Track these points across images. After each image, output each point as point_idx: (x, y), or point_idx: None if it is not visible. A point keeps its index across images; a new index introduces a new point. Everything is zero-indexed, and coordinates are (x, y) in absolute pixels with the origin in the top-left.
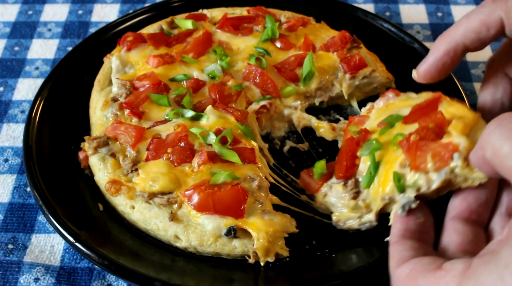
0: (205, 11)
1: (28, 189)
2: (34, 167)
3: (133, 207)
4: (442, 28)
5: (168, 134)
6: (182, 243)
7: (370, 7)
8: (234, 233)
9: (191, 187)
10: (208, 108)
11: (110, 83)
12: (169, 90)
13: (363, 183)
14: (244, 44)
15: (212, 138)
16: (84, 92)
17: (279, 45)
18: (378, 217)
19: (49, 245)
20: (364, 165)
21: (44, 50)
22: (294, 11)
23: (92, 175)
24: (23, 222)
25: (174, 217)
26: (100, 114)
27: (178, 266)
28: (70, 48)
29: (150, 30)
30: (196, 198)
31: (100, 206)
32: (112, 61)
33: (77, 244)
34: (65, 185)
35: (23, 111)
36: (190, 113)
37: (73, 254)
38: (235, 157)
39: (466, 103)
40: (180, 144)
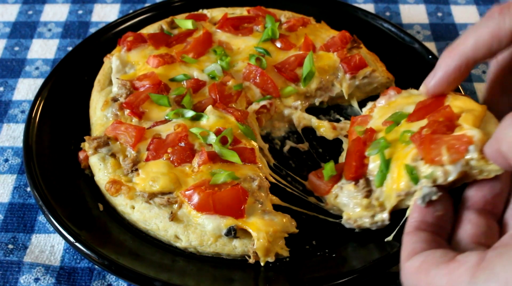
0: (205, 11)
1: (28, 189)
2: (34, 167)
3: (133, 207)
4: (442, 28)
5: (168, 134)
6: (182, 243)
7: (370, 7)
8: (234, 233)
9: (191, 187)
10: (208, 108)
11: (110, 83)
12: (169, 90)
13: (375, 182)
14: (244, 44)
15: (212, 138)
16: (84, 92)
17: (279, 45)
18: (390, 216)
19: (49, 245)
20: (373, 164)
21: (44, 50)
22: (294, 11)
23: (92, 175)
24: (23, 222)
25: (174, 217)
26: (100, 114)
27: (178, 266)
28: (70, 48)
29: (150, 30)
30: (196, 198)
31: (100, 206)
32: (112, 61)
33: (77, 244)
34: (65, 185)
35: (23, 111)
36: (190, 113)
37: (73, 254)
38: (235, 157)
39: (470, 97)
40: (180, 144)
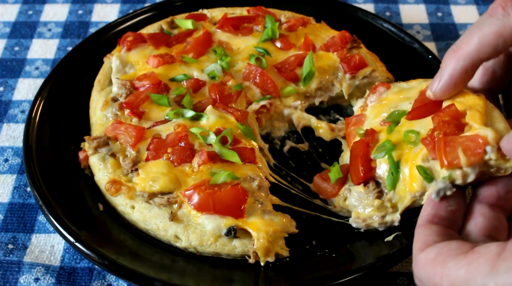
0: (205, 11)
1: (28, 189)
2: (34, 167)
3: (133, 207)
4: (442, 28)
5: (168, 134)
6: (182, 243)
7: (370, 7)
8: (234, 233)
9: (191, 187)
10: (208, 108)
11: (110, 83)
12: (169, 90)
13: (387, 185)
14: (244, 44)
15: (212, 138)
16: (84, 92)
17: (279, 45)
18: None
19: (49, 245)
20: (382, 167)
21: (44, 50)
22: (294, 11)
23: (92, 175)
24: (23, 222)
25: (174, 217)
26: (100, 114)
27: (178, 266)
28: (70, 48)
29: (150, 30)
30: (196, 198)
31: (100, 206)
32: (112, 61)
33: (77, 244)
34: (65, 185)
35: (23, 111)
36: (190, 113)
37: (73, 254)
38: (235, 157)
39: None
40: (180, 144)
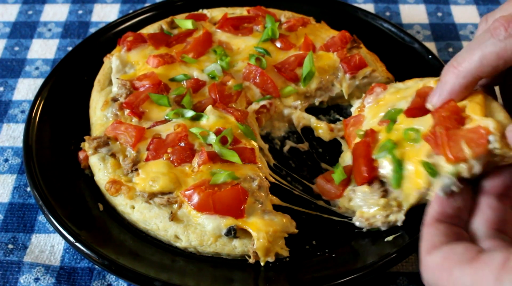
0: (205, 11)
1: (28, 189)
2: (34, 167)
3: (133, 207)
4: (442, 28)
5: (168, 134)
6: (182, 243)
7: (370, 7)
8: (234, 233)
9: (191, 187)
10: (208, 108)
11: (110, 83)
12: (169, 90)
13: (392, 184)
14: (244, 44)
15: (212, 138)
16: (84, 92)
17: (279, 45)
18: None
19: (49, 245)
20: (385, 166)
21: (44, 50)
22: (294, 11)
23: (92, 175)
24: (23, 222)
25: (174, 217)
26: (100, 114)
27: (178, 266)
28: (70, 48)
29: (150, 30)
30: (196, 198)
31: (100, 206)
32: (112, 61)
33: (77, 244)
34: (65, 185)
35: (23, 111)
36: (190, 113)
37: (73, 254)
38: (235, 157)
39: None
40: (180, 144)
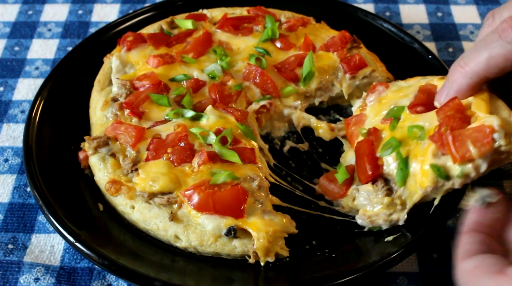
0: (205, 11)
1: (28, 189)
2: (34, 167)
3: (133, 207)
4: (442, 28)
5: (168, 134)
6: (182, 243)
7: (370, 7)
8: (234, 233)
9: (191, 187)
10: (208, 108)
11: (110, 83)
12: (169, 90)
13: (397, 181)
14: (244, 44)
15: (212, 138)
16: (84, 92)
17: (279, 45)
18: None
19: (49, 245)
20: (389, 164)
21: (44, 50)
22: (294, 11)
23: (92, 175)
24: (23, 222)
25: (174, 217)
26: (100, 114)
27: (178, 266)
28: (70, 48)
29: (150, 30)
30: (196, 198)
31: (100, 206)
32: (112, 61)
33: (77, 244)
34: (65, 185)
35: (23, 111)
36: (190, 113)
37: (73, 254)
38: (235, 157)
39: None
40: (180, 144)
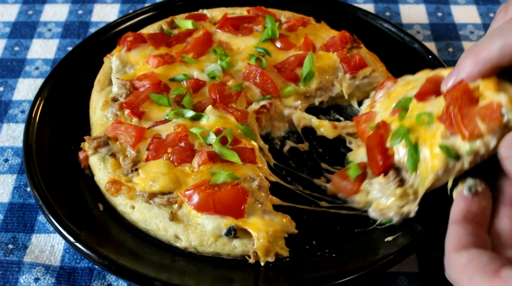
0: (205, 11)
1: (28, 189)
2: (34, 167)
3: (133, 207)
4: (442, 28)
5: (168, 134)
6: (182, 243)
7: (370, 7)
8: (234, 233)
9: (191, 187)
10: (208, 108)
11: (110, 83)
12: (169, 90)
13: (408, 168)
14: (244, 44)
15: (212, 138)
16: (84, 92)
17: (279, 45)
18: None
19: (49, 245)
20: (400, 152)
21: (44, 50)
22: (294, 11)
23: (92, 175)
24: (23, 222)
25: (174, 217)
26: (100, 114)
27: (178, 266)
28: (70, 48)
29: (150, 30)
30: (196, 198)
31: (100, 206)
32: (112, 61)
33: (77, 244)
34: (65, 185)
35: (23, 111)
36: (190, 113)
37: (73, 254)
38: (235, 157)
39: None
40: (180, 144)
